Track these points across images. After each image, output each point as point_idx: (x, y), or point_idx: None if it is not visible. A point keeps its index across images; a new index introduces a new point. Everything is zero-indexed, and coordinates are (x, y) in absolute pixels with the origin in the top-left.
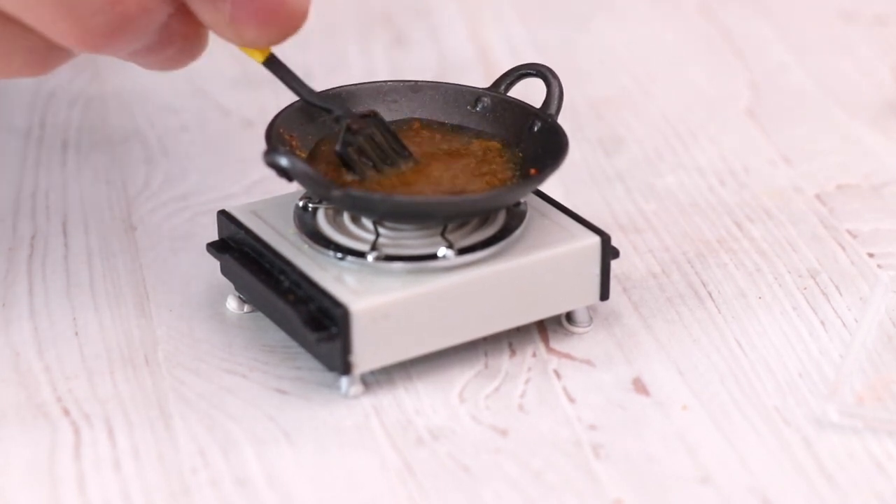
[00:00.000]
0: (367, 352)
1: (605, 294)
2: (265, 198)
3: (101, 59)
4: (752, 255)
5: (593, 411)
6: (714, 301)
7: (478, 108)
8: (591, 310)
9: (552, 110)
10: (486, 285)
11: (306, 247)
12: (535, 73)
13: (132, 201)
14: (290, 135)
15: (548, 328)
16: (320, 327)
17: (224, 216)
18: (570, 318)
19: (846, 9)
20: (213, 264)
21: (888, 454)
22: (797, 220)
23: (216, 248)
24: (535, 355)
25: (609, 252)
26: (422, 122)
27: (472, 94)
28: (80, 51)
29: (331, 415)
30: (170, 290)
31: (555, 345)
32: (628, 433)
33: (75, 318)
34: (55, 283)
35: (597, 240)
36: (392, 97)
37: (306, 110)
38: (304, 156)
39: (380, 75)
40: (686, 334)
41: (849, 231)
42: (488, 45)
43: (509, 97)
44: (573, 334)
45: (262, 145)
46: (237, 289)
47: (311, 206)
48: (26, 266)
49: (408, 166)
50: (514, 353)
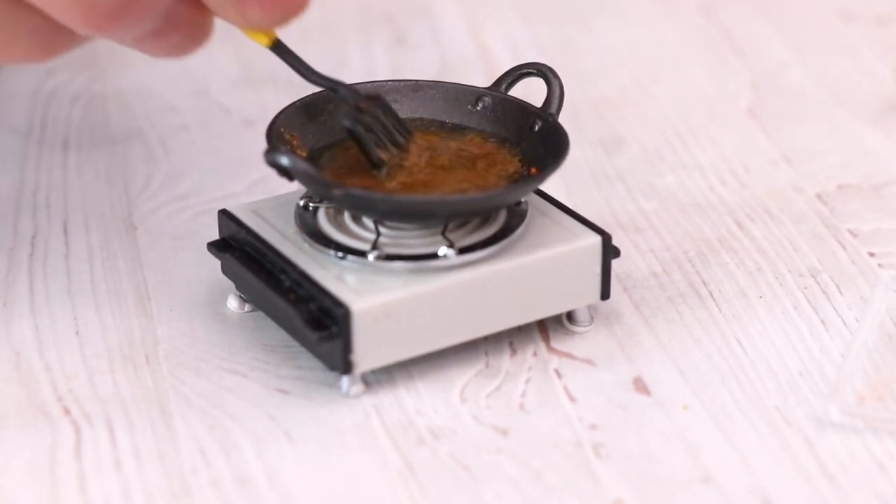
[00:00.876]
0: (368, 351)
1: (605, 293)
2: (266, 197)
3: (102, 58)
4: (752, 254)
5: (594, 411)
6: (715, 300)
7: (478, 108)
8: (591, 309)
9: (553, 109)
10: (486, 285)
11: (307, 246)
12: (535, 72)
13: (133, 201)
14: (291, 134)
15: (548, 327)
16: (321, 327)
17: (225, 215)
18: (570, 317)
19: (846, 9)
20: (214, 263)
21: (889, 454)
22: (798, 220)
23: (217, 247)
24: (535, 355)
25: (610, 251)
26: (420, 128)
27: (473, 94)
28: (84, 32)
29: (331, 414)
30: (171, 289)
31: (555, 344)
32: (629, 433)
33: (76, 318)
34: (56, 282)
35: (598, 239)
36: (393, 97)
37: (307, 109)
38: (304, 155)
39: (380, 75)
40: (687, 333)
41: (849, 230)
42: (489, 45)
43: (510, 96)
44: (574, 334)
45: (262, 145)
46: (238, 288)
47: (311, 205)
48: (27, 265)
49: (412, 147)
50: (514, 352)
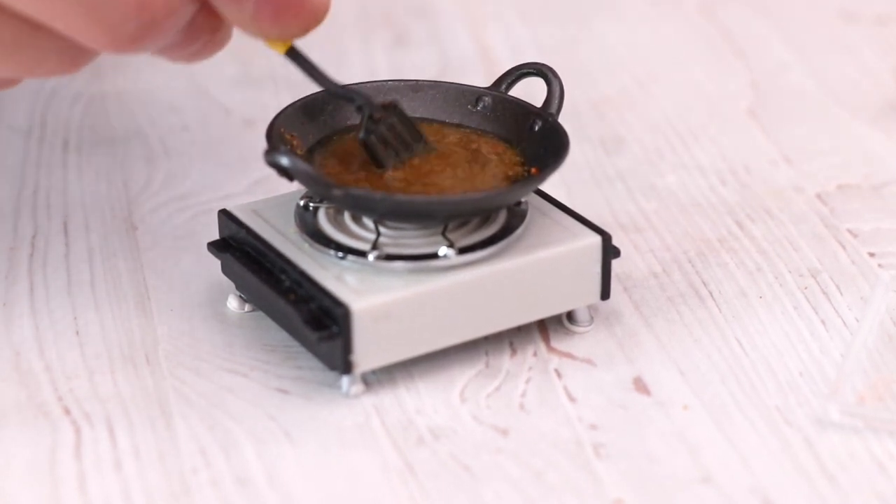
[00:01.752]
0: (368, 351)
1: (605, 293)
2: (266, 197)
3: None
4: (752, 254)
5: (594, 411)
6: (715, 300)
7: (479, 108)
8: (591, 309)
9: (553, 109)
10: (486, 285)
11: (307, 246)
12: (535, 72)
13: (133, 201)
14: (291, 134)
15: (549, 327)
16: (321, 327)
17: (225, 215)
18: (570, 317)
19: (847, 9)
20: (214, 263)
21: (889, 454)
22: (798, 220)
23: (217, 247)
24: (535, 355)
25: (610, 251)
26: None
27: (473, 94)
28: (110, 52)
29: (332, 414)
30: (171, 289)
31: (555, 344)
32: (629, 433)
33: (76, 318)
34: (56, 282)
35: (598, 239)
36: (392, 96)
37: (307, 109)
38: (302, 153)
39: (381, 75)
40: (687, 333)
41: (849, 230)
42: (489, 45)
43: (510, 96)
44: (574, 333)
45: (262, 144)
46: (238, 288)
47: (311, 205)
48: (27, 265)
49: (426, 154)
50: (514, 352)
